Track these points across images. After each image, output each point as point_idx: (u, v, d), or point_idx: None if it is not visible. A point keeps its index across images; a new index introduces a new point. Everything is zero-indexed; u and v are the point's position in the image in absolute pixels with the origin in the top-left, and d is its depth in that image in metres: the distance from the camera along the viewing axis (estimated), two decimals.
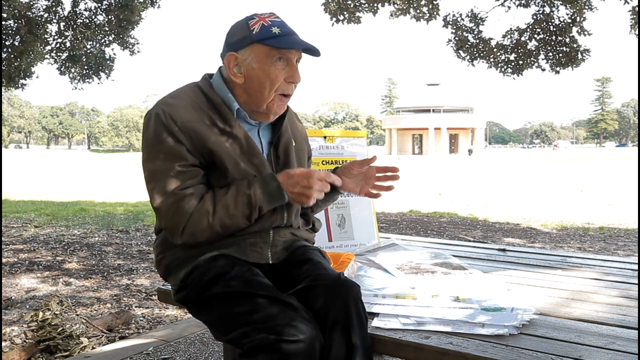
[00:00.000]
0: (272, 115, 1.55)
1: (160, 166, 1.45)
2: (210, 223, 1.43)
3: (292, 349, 1.23)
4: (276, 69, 1.48)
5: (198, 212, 1.43)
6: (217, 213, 1.43)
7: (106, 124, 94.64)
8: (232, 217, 1.44)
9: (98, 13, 9.13)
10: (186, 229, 1.44)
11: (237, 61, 1.50)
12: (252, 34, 1.46)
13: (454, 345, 1.27)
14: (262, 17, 1.49)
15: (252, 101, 1.52)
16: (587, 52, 7.95)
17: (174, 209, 1.44)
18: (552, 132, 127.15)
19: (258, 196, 1.44)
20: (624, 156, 43.78)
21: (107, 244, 5.67)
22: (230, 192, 1.45)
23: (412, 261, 2.04)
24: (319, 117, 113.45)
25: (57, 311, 2.74)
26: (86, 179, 20.54)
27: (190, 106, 1.48)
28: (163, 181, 1.44)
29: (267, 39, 1.45)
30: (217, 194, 1.46)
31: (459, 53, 8.41)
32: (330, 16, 7.89)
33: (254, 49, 1.47)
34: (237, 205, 1.44)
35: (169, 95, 1.53)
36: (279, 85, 1.49)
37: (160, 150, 1.45)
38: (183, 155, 1.44)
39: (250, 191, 1.44)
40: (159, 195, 1.45)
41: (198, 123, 1.46)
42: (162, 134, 1.45)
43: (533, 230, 7.02)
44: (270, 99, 1.50)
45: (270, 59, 1.47)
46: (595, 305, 1.57)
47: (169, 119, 1.45)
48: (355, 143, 2.45)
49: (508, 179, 19.33)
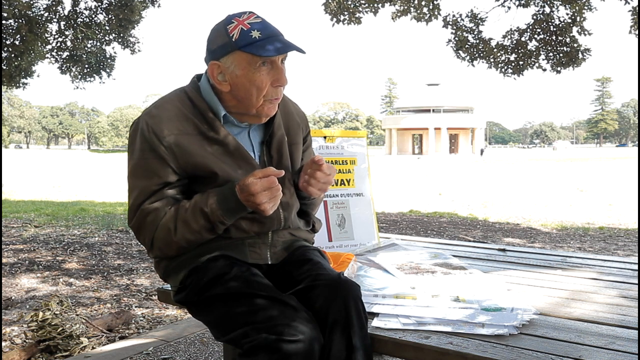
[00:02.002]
0: (264, 117, 1.52)
1: (137, 184, 1.46)
2: (174, 240, 1.43)
3: (291, 348, 1.23)
4: (261, 74, 1.42)
5: (161, 229, 1.44)
6: (178, 230, 1.42)
7: (106, 124, 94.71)
8: (194, 232, 1.43)
9: (98, 12, 9.13)
10: (154, 244, 1.47)
11: (220, 69, 1.45)
12: (232, 41, 1.40)
13: (454, 345, 1.27)
14: (240, 20, 1.42)
15: (241, 106, 1.49)
16: (588, 52, 7.94)
17: (138, 225, 1.46)
18: (552, 132, 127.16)
19: (216, 213, 1.40)
20: (624, 156, 43.77)
21: (107, 244, 5.67)
22: (189, 209, 1.42)
23: (412, 261, 2.04)
24: (319, 117, 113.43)
25: (57, 311, 2.74)
26: (86, 179, 20.53)
27: (175, 116, 1.46)
28: (137, 199, 1.46)
29: (247, 46, 1.39)
30: (178, 210, 1.43)
31: (459, 53, 8.41)
32: (331, 16, 7.89)
33: (236, 56, 1.42)
34: (197, 221, 1.42)
35: (154, 105, 1.50)
36: (266, 90, 1.45)
37: (140, 166, 1.45)
38: (161, 174, 1.44)
39: (207, 208, 1.40)
40: (131, 212, 1.48)
41: (182, 135, 1.44)
42: (144, 150, 1.45)
43: (533, 230, 7.02)
44: (260, 104, 1.47)
45: (253, 66, 1.41)
46: (595, 305, 1.57)
47: (152, 134, 1.43)
48: (355, 143, 2.44)
49: (508, 179, 19.32)
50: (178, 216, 1.42)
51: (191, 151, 1.44)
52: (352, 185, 2.39)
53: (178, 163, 1.44)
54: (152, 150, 1.43)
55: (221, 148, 1.48)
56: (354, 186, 2.39)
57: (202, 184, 1.48)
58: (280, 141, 1.59)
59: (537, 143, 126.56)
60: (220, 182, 1.46)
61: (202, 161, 1.45)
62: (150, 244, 1.47)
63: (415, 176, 21.70)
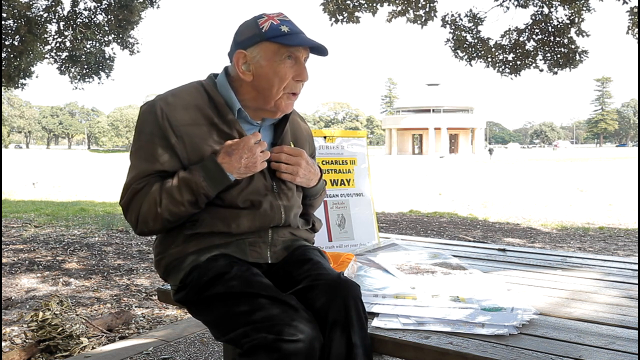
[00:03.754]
0: (280, 112, 1.55)
1: (137, 165, 1.49)
2: (158, 212, 1.45)
3: (291, 348, 1.23)
4: (285, 66, 1.48)
5: (147, 202, 1.46)
6: (162, 202, 1.44)
7: (106, 124, 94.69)
8: (178, 204, 1.45)
9: (97, 13, 9.14)
10: (139, 218, 1.48)
11: (245, 59, 1.50)
12: (262, 32, 1.47)
13: (454, 345, 1.27)
14: (271, 16, 1.50)
15: (260, 98, 1.52)
16: (585, 53, 7.95)
17: (127, 203, 1.49)
18: (552, 132, 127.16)
19: (200, 183, 1.43)
20: (624, 156, 43.78)
21: (107, 244, 5.67)
22: (174, 182, 1.45)
23: (412, 261, 2.04)
24: (319, 117, 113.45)
25: (57, 311, 2.74)
26: (86, 179, 20.53)
27: (190, 106, 1.49)
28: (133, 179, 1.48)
29: (276, 37, 1.45)
30: (164, 184, 1.46)
31: (457, 53, 8.42)
32: (329, 16, 7.89)
33: (263, 46, 1.47)
34: (182, 193, 1.44)
35: (171, 92, 1.53)
36: (287, 83, 1.49)
37: (145, 149, 1.48)
38: (164, 162, 1.47)
39: (192, 180, 1.43)
40: (123, 190, 1.51)
41: (194, 126, 1.47)
42: (154, 135, 1.47)
43: (533, 230, 7.02)
44: (279, 96, 1.50)
45: (279, 57, 1.47)
46: (595, 305, 1.57)
47: (166, 121, 1.46)
48: (355, 143, 2.44)
49: (508, 178, 19.32)
50: (163, 189, 1.45)
51: (201, 142, 1.48)
52: (352, 185, 2.39)
53: (186, 153, 1.47)
54: (162, 137, 1.46)
55: None
56: (354, 186, 2.39)
57: None
58: (288, 145, 1.62)
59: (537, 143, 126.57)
60: None
61: (210, 153, 1.48)
62: (136, 219, 1.49)
63: (415, 176, 21.70)
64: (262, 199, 1.53)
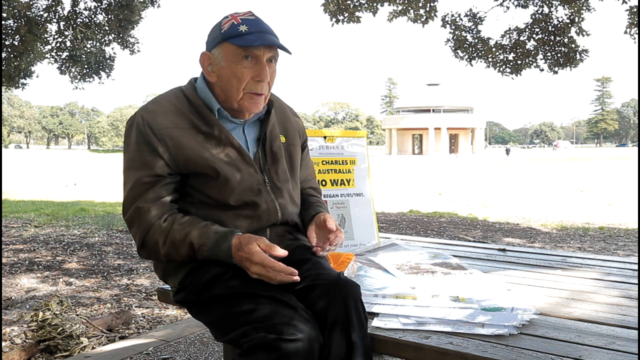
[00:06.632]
0: (247, 113, 1.55)
1: (130, 175, 1.48)
2: (160, 252, 1.47)
3: (291, 348, 1.23)
4: (242, 67, 1.47)
5: (152, 237, 1.46)
6: (166, 246, 1.45)
7: (106, 124, 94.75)
8: (179, 255, 1.46)
9: (98, 12, 9.14)
10: (144, 247, 1.49)
11: (210, 60, 1.51)
12: (221, 32, 1.47)
13: (454, 345, 1.27)
14: (234, 16, 1.49)
15: (227, 99, 1.53)
16: (586, 53, 7.95)
17: (131, 221, 1.49)
18: (552, 132, 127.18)
19: (203, 253, 1.43)
20: (624, 156, 43.78)
21: (107, 244, 5.67)
22: (182, 234, 1.44)
23: (412, 261, 2.04)
24: (319, 117, 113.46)
25: (57, 311, 2.74)
26: (86, 179, 20.53)
27: (170, 111, 1.50)
28: (131, 191, 1.48)
29: (233, 38, 1.45)
30: (171, 228, 1.44)
31: (457, 53, 8.42)
32: (330, 16, 7.89)
33: (223, 47, 1.48)
34: (184, 249, 1.44)
35: (151, 102, 1.55)
36: (246, 84, 1.48)
37: (134, 158, 1.48)
38: (153, 166, 1.46)
39: (197, 245, 1.42)
40: (126, 204, 1.50)
41: (176, 129, 1.48)
42: (139, 143, 1.47)
43: (533, 230, 7.02)
44: (240, 97, 1.50)
45: (236, 58, 1.46)
46: (595, 305, 1.57)
47: (147, 126, 1.47)
48: (355, 143, 2.45)
49: (508, 179, 19.32)
50: (169, 235, 1.44)
51: (184, 144, 1.47)
52: (352, 185, 2.39)
53: (171, 156, 1.47)
54: (146, 143, 1.47)
55: (214, 141, 1.50)
56: (354, 186, 2.39)
57: (195, 179, 1.50)
58: (275, 139, 1.62)
59: (537, 143, 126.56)
60: (212, 176, 1.48)
61: (195, 154, 1.47)
62: (141, 244, 1.49)
63: (415, 176, 21.70)
64: (257, 198, 1.53)
